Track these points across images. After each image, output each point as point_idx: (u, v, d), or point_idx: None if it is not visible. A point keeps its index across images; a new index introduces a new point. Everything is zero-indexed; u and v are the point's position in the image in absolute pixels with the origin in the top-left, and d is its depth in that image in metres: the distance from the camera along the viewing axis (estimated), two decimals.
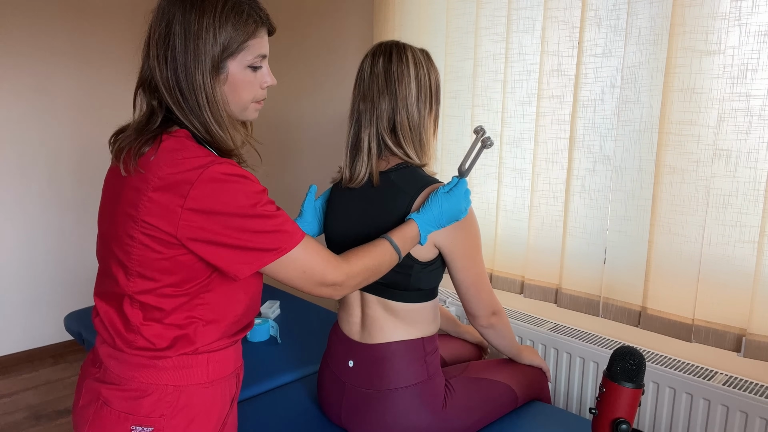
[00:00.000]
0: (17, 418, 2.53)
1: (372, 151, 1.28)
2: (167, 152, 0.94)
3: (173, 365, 1.00)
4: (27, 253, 3.01)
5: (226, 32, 0.94)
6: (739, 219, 1.40)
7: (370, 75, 1.27)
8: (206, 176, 0.91)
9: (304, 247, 0.99)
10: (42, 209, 3.03)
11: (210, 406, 1.03)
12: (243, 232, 0.93)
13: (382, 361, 1.28)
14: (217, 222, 0.92)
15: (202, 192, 0.91)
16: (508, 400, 1.41)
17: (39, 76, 2.94)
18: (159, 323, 0.99)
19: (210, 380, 1.03)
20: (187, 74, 0.94)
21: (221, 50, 0.95)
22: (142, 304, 0.98)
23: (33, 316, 3.06)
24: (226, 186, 0.92)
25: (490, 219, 1.95)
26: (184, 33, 0.93)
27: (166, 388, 0.99)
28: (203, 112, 0.96)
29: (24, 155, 2.95)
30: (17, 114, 2.91)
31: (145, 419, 0.98)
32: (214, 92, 0.96)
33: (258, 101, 1.04)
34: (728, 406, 1.42)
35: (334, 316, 2.11)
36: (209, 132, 0.97)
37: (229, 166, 0.94)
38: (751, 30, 1.34)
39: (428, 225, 1.19)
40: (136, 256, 0.96)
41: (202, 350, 1.02)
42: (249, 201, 0.93)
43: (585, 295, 1.72)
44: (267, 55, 1.03)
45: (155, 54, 0.95)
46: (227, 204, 0.92)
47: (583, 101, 1.65)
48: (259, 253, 0.96)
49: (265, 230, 0.95)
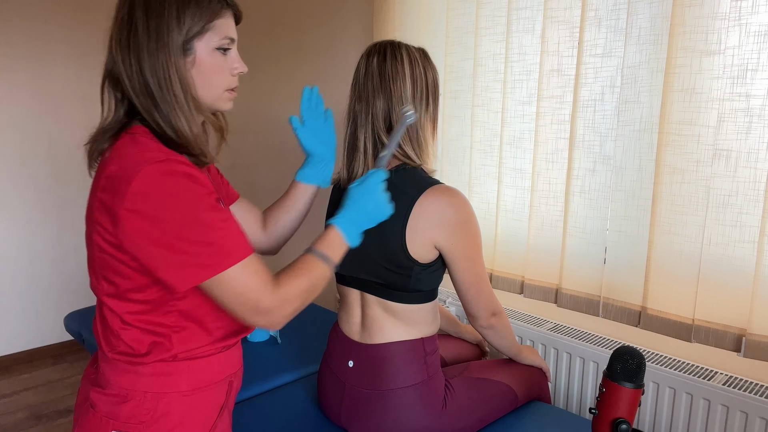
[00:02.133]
0: (17, 418, 2.53)
1: (368, 151, 1.27)
2: (118, 150, 0.91)
3: (152, 372, 0.97)
4: (27, 253, 3.01)
5: (190, 11, 0.91)
6: (739, 219, 1.40)
7: (365, 74, 1.27)
8: (144, 175, 0.86)
9: (243, 267, 0.90)
10: (42, 209, 3.03)
11: (193, 415, 1.00)
12: (178, 239, 0.86)
13: (382, 361, 1.28)
14: (153, 225, 0.86)
15: (139, 191, 0.85)
16: (508, 400, 1.41)
17: (39, 76, 2.94)
18: (136, 328, 0.96)
19: (192, 388, 0.99)
20: (150, 57, 0.90)
21: (186, 30, 0.91)
22: (111, 308, 0.96)
23: (33, 316, 3.06)
24: (165, 187, 0.86)
25: (490, 219, 1.95)
26: (146, 14, 0.90)
27: (145, 394, 0.97)
28: (166, 96, 0.91)
29: (24, 155, 2.95)
30: (17, 114, 2.91)
31: (125, 425, 0.96)
32: (179, 74, 0.91)
33: (231, 89, 1.00)
34: (728, 406, 1.42)
35: (334, 316, 2.11)
36: (170, 121, 0.92)
37: (173, 164, 0.88)
38: (751, 30, 1.34)
39: (351, 225, 1.08)
40: (98, 259, 0.95)
41: (182, 357, 0.98)
42: (188, 205, 0.87)
43: (585, 295, 1.72)
44: (235, 40, 0.98)
45: (117, 40, 0.92)
46: (163, 207, 0.86)
47: (583, 101, 1.65)
48: (194, 268, 0.88)
49: (203, 241, 0.87)
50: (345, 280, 1.36)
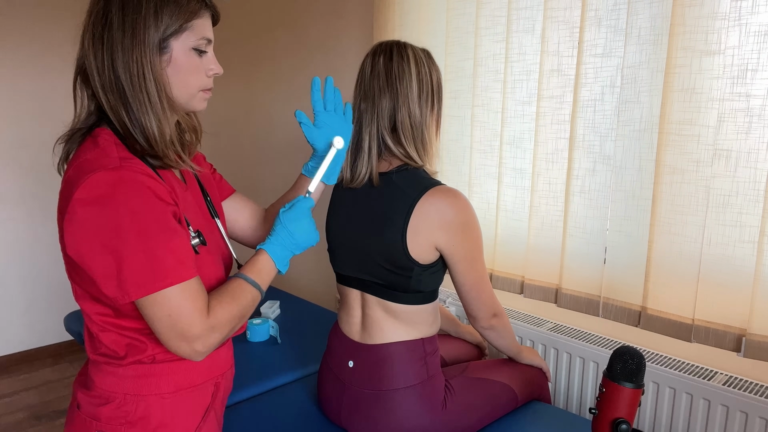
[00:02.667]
0: (17, 418, 2.53)
1: (372, 151, 1.28)
2: (78, 154, 0.91)
3: (132, 374, 0.97)
4: (27, 253, 3.01)
5: (168, 9, 0.89)
6: (739, 219, 1.40)
7: (371, 74, 1.27)
8: (91, 181, 0.84)
9: (182, 289, 0.87)
10: (42, 209, 3.03)
11: (174, 418, 0.99)
12: (116, 251, 0.83)
13: (382, 361, 1.28)
14: (92, 234, 0.83)
15: (80, 197, 0.83)
16: (508, 400, 1.41)
17: (38, 76, 2.94)
18: (112, 330, 0.95)
19: (172, 390, 0.99)
20: (124, 53, 0.87)
21: (164, 28, 0.89)
22: (85, 311, 0.96)
23: (33, 316, 3.06)
24: (110, 195, 0.83)
25: (490, 219, 1.95)
26: (123, 10, 0.87)
27: (125, 396, 0.96)
28: (138, 93, 0.89)
29: (24, 155, 2.95)
30: (17, 113, 2.91)
31: (106, 426, 0.96)
32: (153, 72, 0.89)
33: (206, 90, 0.98)
34: (728, 406, 1.42)
35: (334, 316, 2.11)
36: (139, 120, 0.90)
37: (125, 172, 0.85)
38: (751, 30, 1.34)
39: (282, 251, 1.04)
40: (66, 262, 0.95)
41: (160, 359, 0.97)
42: (132, 217, 0.84)
43: (585, 295, 1.72)
44: (212, 41, 0.97)
45: (91, 34, 0.89)
46: (104, 215, 0.83)
47: (583, 101, 1.65)
48: (129, 283, 0.85)
49: (143, 255, 0.84)
50: (345, 281, 1.36)
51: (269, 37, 2.97)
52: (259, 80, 3.08)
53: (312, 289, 2.86)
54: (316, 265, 2.80)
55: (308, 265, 2.85)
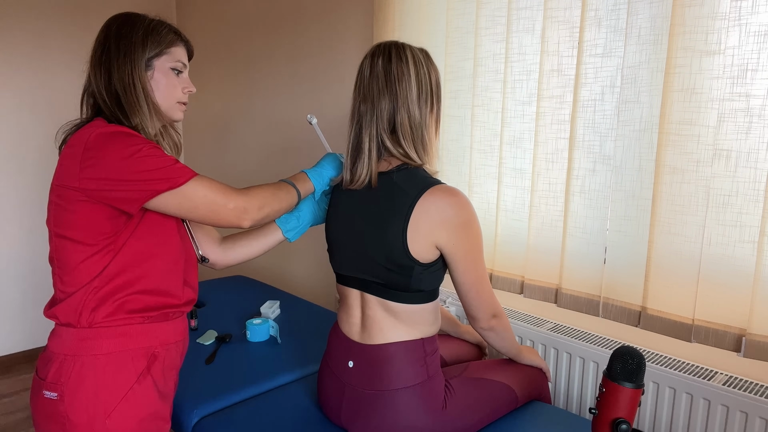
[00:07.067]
0: (17, 418, 2.53)
1: (372, 152, 1.28)
2: (77, 133, 1.12)
3: (75, 336, 1.12)
4: (27, 253, 3.01)
5: (152, 37, 1.17)
6: (739, 219, 1.40)
7: (370, 75, 1.27)
8: (95, 136, 1.07)
9: (198, 181, 1.13)
10: (42, 209, 3.03)
11: (106, 379, 1.12)
12: (130, 170, 1.06)
13: (382, 361, 1.28)
14: (107, 164, 1.06)
15: (90, 146, 1.06)
16: (508, 400, 1.41)
17: (39, 75, 2.94)
18: (64, 294, 1.13)
19: (106, 352, 1.12)
20: (118, 68, 1.14)
21: (149, 51, 1.17)
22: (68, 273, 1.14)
23: (33, 316, 3.06)
24: (111, 139, 1.07)
25: (490, 219, 1.95)
26: (118, 38, 1.16)
27: (65, 357, 1.12)
28: (130, 98, 1.14)
29: (24, 155, 2.95)
30: (16, 113, 2.91)
31: (51, 385, 1.11)
32: (141, 82, 1.15)
33: (181, 102, 1.24)
34: (728, 406, 1.42)
35: (334, 316, 2.11)
36: (130, 120, 1.14)
37: (117, 127, 1.10)
38: (751, 30, 1.34)
39: (318, 178, 1.37)
40: (52, 234, 1.16)
41: (98, 324, 1.12)
42: (134, 147, 1.07)
43: (585, 295, 1.72)
44: (187, 66, 1.24)
45: (95, 61, 1.16)
46: (114, 150, 1.06)
47: (583, 101, 1.65)
48: (150, 183, 1.07)
49: (154, 167, 1.08)
50: (345, 280, 1.36)
51: (269, 36, 2.97)
52: (258, 80, 3.08)
53: (312, 289, 2.86)
54: (316, 265, 2.80)
55: (308, 265, 2.85)
